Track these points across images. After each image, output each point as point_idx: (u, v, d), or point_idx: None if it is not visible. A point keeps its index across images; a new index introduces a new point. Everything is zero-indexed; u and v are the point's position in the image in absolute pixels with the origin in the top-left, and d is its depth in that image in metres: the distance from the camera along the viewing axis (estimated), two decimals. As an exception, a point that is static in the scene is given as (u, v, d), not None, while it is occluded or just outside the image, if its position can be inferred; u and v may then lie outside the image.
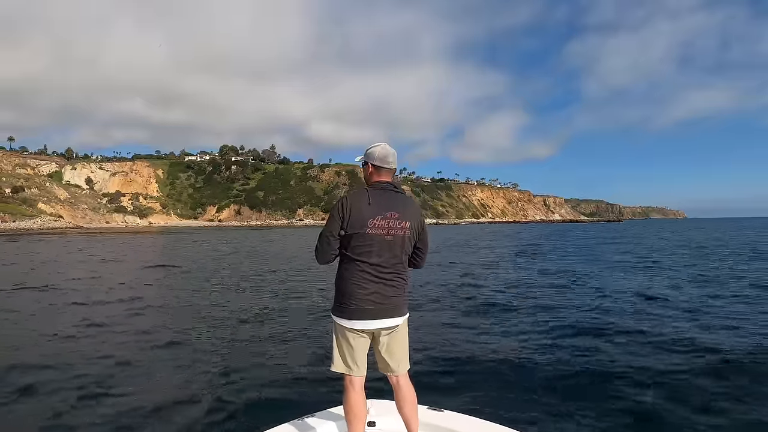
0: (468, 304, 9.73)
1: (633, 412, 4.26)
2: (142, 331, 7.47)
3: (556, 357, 5.91)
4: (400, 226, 2.37)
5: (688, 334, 6.86)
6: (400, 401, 2.45)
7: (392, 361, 2.45)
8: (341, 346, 2.43)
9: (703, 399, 4.52)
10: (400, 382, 2.46)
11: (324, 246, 2.40)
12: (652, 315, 8.34)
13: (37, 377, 5.20)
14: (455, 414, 2.71)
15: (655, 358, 5.75)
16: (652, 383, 4.92)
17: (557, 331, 7.19)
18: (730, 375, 5.13)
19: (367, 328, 2.38)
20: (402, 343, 2.49)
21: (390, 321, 2.39)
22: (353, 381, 2.41)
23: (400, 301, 2.41)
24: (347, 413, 2.41)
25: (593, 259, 20.91)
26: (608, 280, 13.51)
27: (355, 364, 2.41)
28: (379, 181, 2.46)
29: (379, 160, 2.46)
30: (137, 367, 5.65)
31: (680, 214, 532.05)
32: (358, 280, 2.33)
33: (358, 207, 2.34)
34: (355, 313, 2.35)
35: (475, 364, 5.65)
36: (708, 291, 10.99)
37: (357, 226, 2.32)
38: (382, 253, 2.35)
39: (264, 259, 22.15)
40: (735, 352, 5.85)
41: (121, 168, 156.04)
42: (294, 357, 6.02)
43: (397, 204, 2.40)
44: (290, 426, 2.62)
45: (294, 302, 10.00)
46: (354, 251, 2.35)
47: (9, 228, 78.05)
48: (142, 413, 4.29)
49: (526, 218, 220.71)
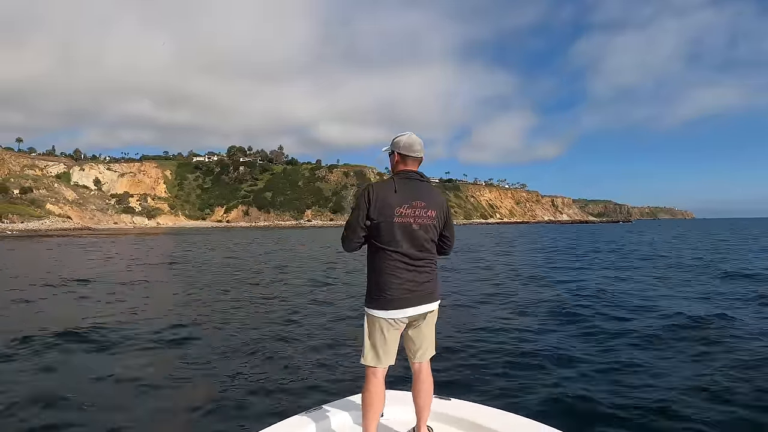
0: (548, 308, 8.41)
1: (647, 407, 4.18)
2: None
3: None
4: (426, 215, 2.38)
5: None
6: (418, 388, 2.46)
7: (421, 348, 2.47)
8: (374, 338, 2.41)
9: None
10: (423, 369, 2.48)
11: (350, 234, 2.41)
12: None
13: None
14: (462, 402, 2.73)
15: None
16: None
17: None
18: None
19: (404, 316, 2.38)
20: (431, 330, 2.51)
21: (426, 307, 2.41)
22: (377, 372, 2.41)
23: (433, 286, 2.43)
24: (366, 403, 2.39)
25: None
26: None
27: (386, 357, 2.41)
28: (405, 170, 2.46)
29: (405, 148, 2.46)
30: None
31: (688, 215, 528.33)
32: (391, 269, 2.33)
33: (384, 195, 2.35)
34: (392, 303, 2.34)
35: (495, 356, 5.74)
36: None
37: (384, 215, 2.33)
38: (412, 241, 2.35)
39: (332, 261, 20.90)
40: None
41: (129, 169, 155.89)
42: (312, 348, 6.28)
43: (423, 193, 2.41)
44: (306, 416, 2.64)
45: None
46: (382, 240, 2.35)
47: (17, 229, 77.26)
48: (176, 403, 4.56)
49: (534, 219, 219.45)
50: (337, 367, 5.40)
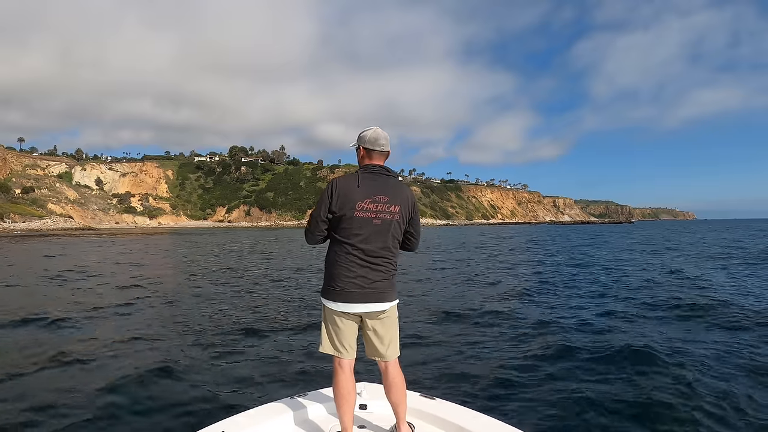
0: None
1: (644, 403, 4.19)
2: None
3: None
4: (389, 210, 2.35)
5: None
6: (388, 387, 2.44)
7: (380, 347, 2.43)
8: (329, 327, 2.43)
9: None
10: (389, 368, 2.44)
11: (312, 227, 2.41)
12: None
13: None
14: (446, 402, 2.72)
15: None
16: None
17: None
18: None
19: (351, 312, 2.36)
20: (391, 329, 2.45)
21: (374, 306, 2.35)
22: (342, 363, 2.41)
23: (386, 285, 2.37)
24: (336, 395, 2.41)
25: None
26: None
27: (342, 347, 2.40)
28: (370, 164, 2.43)
29: (369, 142, 2.43)
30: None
31: (690, 216, 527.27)
32: (344, 262, 2.33)
33: (346, 190, 2.33)
34: (340, 296, 2.34)
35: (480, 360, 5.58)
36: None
37: (345, 209, 2.32)
38: (370, 236, 2.32)
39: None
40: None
41: (130, 169, 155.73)
42: (292, 337, 6.36)
43: (387, 188, 2.37)
44: (281, 404, 2.65)
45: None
46: (341, 234, 2.35)
47: (19, 228, 77.14)
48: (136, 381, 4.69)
49: (536, 219, 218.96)
50: (315, 356, 5.36)
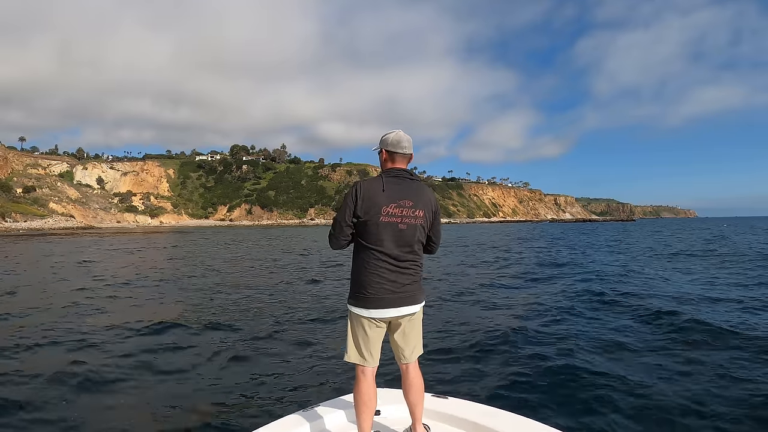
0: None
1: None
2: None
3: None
4: (413, 215, 2.34)
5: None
6: (408, 388, 2.44)
7: (407, 349, 2.44)
8: (357, 335, 2.41)
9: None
10: (410, 369, 2.45)
11: (336, 232, 2.38)
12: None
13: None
14: (460, 400, 2.71)
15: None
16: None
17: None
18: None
19: (384, 317, 2.36)
20: (417, 331, 2.48)
21: (407, 309, 2.37)
22: (365, 371, 2.39)
23: (416, 288, 2.39)
24: (357, 403, 2.38)
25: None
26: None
27: (369, 355, 2.39)
28: (394, 168, 2.42)
29: (392, 145, 2.41)
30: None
31: (691, 213, 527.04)
32: (374, 269, 2.31)
33: (371, 194, 2.31)
34: (372, 302, 2.32)
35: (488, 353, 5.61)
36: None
37: (370, 214, 2.30)
38: (397, 241, 2.32)
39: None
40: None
41: (131, 168, 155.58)
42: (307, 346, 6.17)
43: (411, 192, 2.36)
44: (300, 415, 2.63)
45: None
46: (368, 239, 2.33)
47: (21, 228, 76.91)
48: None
49: (537, 217, 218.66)
50: (330, 365, 5.33)
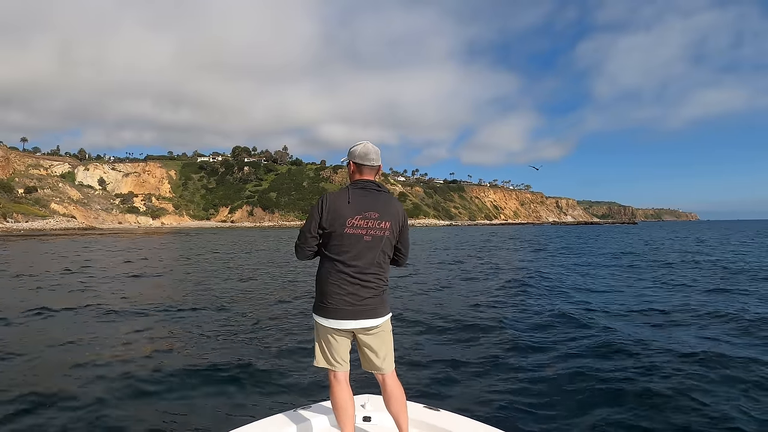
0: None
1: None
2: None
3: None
4: (379, 227, 2.35)
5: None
6: (387, 399, 2.45)
7: (376, 360, 2.44)
8: (321, 342, 2.45)
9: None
10: (387, 380, 2.45)
11: (302, 242, 2.41)
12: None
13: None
14: (451, 414, 2.69)
15: None
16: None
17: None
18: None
19: (343, 328, 2.38)
20: (385, 343, 2.46)
21: (366, 322, 2.36)
22: (337, 375, 2.43)
23: (377, 302, 2.38)
24: (334, 407, 2.43)
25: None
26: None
27: (335, 360, 2.42)
28: (361, 180, 2.43)
29: (359, 157, 2.42)
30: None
31: (693, 216, 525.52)
32: (335, 279, 2.33)
33: (336, 205, 2.33)
34: (332, 313, 2.35)
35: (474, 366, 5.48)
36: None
37: (335, 225, 2.31)
38: (361, 253, 2.32)
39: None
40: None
41: (133, 169, 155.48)
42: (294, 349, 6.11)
43: (378, 203, 2.37)
44: (284, 416, 2.64)
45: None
46: (332, 251, 2.35)
47: (22, 228, 76.78)
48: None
49: (539, 220, 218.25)
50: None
